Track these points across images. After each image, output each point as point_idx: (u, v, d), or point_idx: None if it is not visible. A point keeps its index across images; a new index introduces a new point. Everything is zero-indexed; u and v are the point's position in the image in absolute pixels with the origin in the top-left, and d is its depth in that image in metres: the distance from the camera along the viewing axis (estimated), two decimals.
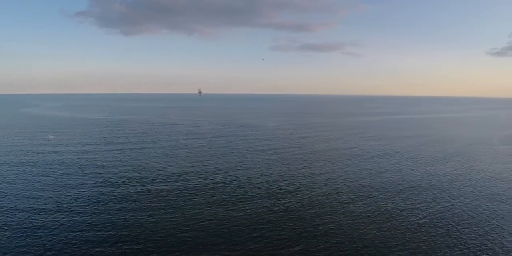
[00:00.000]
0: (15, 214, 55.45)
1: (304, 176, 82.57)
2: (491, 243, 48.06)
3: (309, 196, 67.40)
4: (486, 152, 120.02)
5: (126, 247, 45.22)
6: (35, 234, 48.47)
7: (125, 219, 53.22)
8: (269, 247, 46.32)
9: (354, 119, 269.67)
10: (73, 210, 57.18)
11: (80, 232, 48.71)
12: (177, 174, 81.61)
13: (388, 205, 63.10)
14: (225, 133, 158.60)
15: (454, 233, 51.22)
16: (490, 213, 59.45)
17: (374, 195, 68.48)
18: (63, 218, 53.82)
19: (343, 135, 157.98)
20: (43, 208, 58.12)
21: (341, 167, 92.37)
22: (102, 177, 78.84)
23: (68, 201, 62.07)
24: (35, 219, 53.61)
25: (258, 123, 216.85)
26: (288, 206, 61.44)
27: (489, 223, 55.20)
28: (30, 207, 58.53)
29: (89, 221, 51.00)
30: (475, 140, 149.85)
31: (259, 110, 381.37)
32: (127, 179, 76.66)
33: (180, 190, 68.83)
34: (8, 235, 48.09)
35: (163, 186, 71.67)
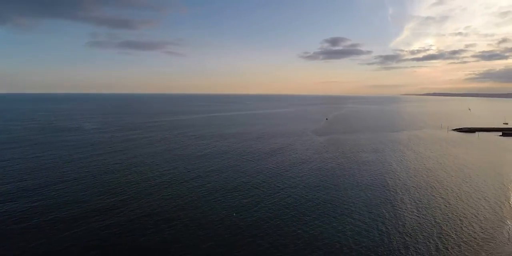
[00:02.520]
0: None
1: (132, 183, 78.25)
2: (328, 222, 55.57)
3: (143, 204, 64.47)
4: (306, 143, 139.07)
5: None
6: None
7: None
8: None
9: (178, 117, 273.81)
10: None
11: None
12: None
13: (225, 202, 65.90)
14: (40, 140, 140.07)
15: (293, 220, 57.13)
16: (319, 199, 69.09)
17: (210, 194, 70.57)
18: None
19: (168, 135, 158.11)
20: None
21: (169, 169, 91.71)
22: None
23: None
24: None
25: (75, 126, 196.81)
26: (118, 219, 57.04)
27: (321, 207, 64.06)
28: None
29: None
30: (294, 133, 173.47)
31: (76, 111, 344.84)
32: None
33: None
34: None
35: None
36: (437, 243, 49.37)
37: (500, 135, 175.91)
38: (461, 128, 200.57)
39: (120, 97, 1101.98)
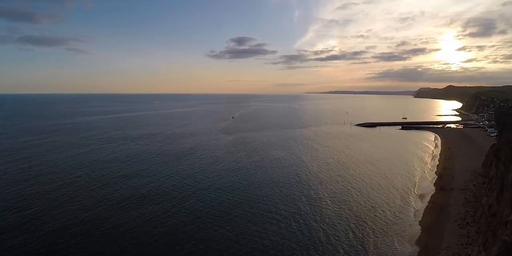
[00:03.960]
0: None
1: (39, 195, 71.96)
2: (248, 220, 57.18)
3: (54, 216, 59.44)
4: (215, 143, 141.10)
5: None
6: None
7: None
8: None
9: (82, 119, 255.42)
10: None
11: None
12: None
13: (137, 209, 64.04)
14: None
15: (212, 221, 57.61)
16: (235, 198, 70.74)
17: (122, 201, 67.96)
18: None
19: (72, 139, 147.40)
20: None
21: (77, 176, 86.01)
22: None
23: None
24: None
25: None
26: (27, 236, 52.04)
27: (238, 206, 65.56)
28: None
29: None
30: (202, 133, 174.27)
31: None
32: None
33: None
34: None
35: None
36: (354, 230, 53.57)
37: (400, 129, 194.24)
38: (363, 123, 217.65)
39: (20, 98, 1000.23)
